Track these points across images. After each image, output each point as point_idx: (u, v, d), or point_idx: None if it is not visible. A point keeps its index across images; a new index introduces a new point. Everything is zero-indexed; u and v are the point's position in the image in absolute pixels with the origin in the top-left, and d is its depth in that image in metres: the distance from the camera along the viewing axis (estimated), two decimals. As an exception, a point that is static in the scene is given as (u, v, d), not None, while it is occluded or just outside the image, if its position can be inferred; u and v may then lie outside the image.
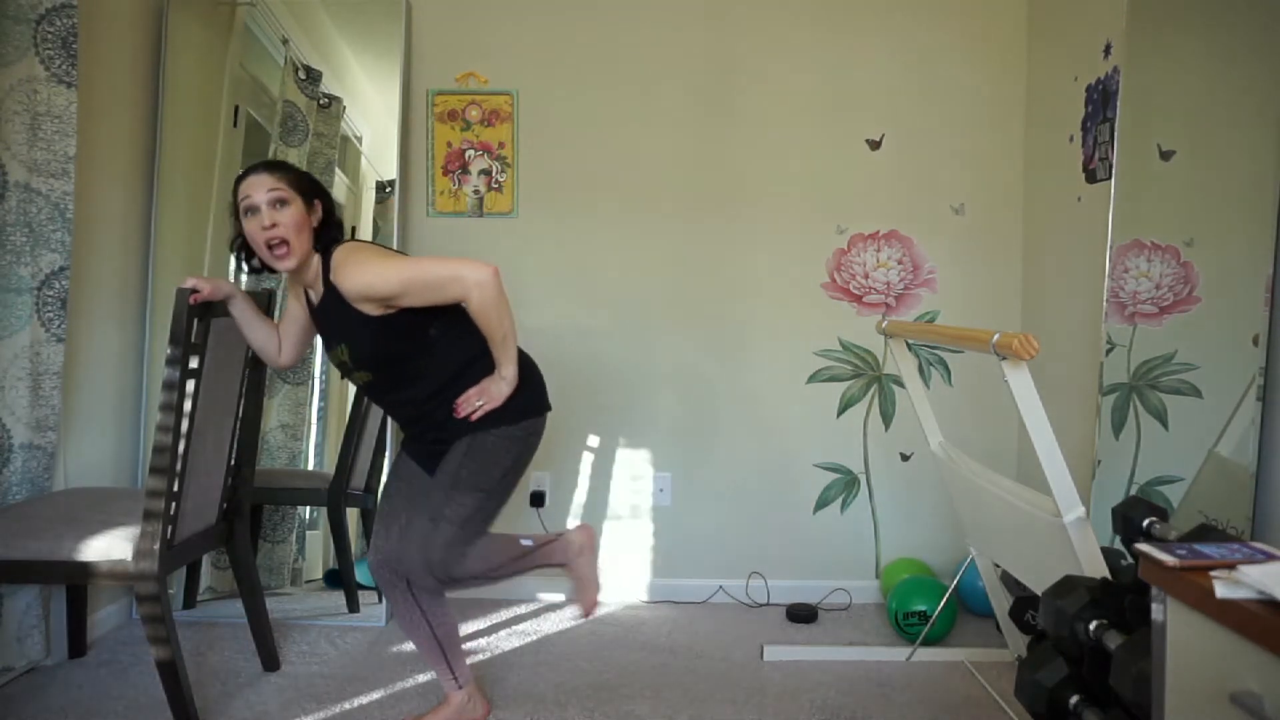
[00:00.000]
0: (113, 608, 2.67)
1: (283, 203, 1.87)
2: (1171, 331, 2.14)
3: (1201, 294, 2.09)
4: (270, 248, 1.88)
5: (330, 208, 1.99)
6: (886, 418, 3.03)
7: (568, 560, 2.17)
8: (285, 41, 2.95)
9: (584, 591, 2.20)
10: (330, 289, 1.89)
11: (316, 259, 1.93)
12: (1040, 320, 2.88)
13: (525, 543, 2.09)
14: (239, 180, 1.92)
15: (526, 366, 2.01)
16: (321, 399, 3.04)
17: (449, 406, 1.94)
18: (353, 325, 1.87)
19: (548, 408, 2.06)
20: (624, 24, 3.01)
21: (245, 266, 2.01)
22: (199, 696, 2.22)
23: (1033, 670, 1.56)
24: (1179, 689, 1.14)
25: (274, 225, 1.86)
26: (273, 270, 1.95)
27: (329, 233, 1.96)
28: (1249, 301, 1.96)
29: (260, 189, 1.87)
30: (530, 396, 2.00)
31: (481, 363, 1.95)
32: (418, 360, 1.92)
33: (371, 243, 2.02)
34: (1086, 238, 2.55)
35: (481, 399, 1.92)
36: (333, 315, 1.91)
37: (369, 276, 1.82)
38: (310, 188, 1.94)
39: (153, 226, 2.79)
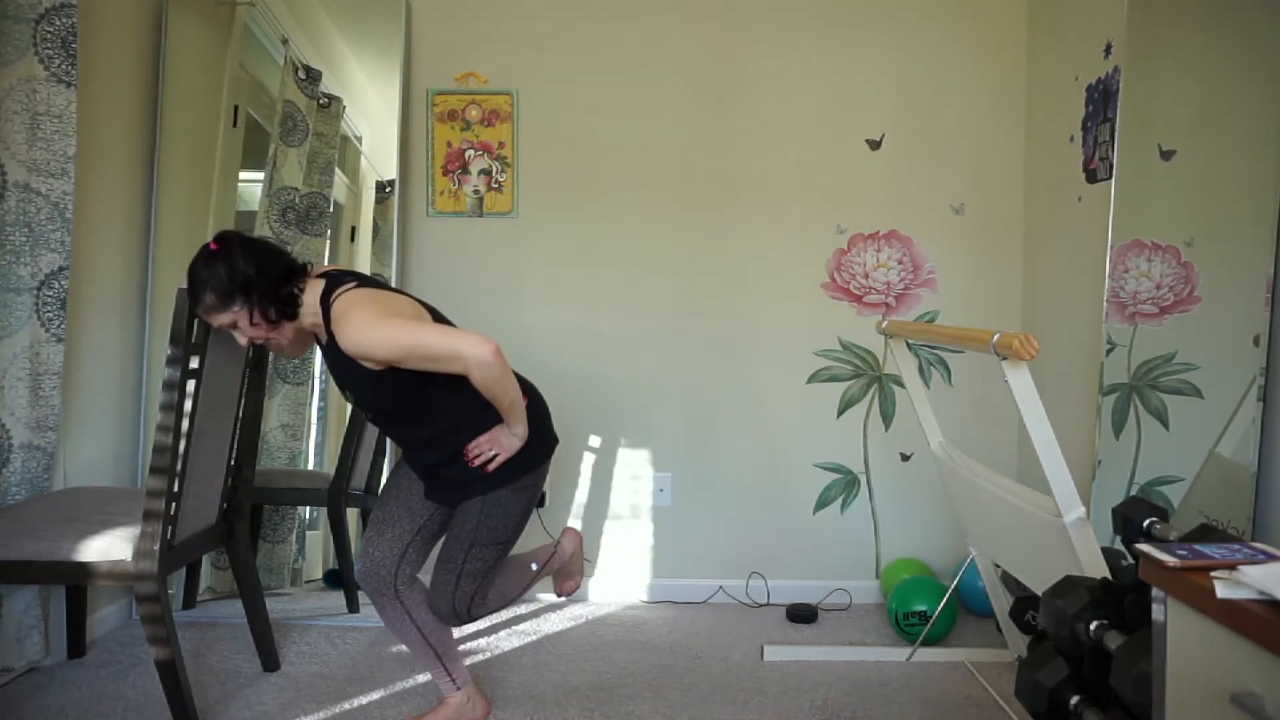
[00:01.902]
0: (112, 608, 2.67)
1: (232, 325, 1.84)
2: (1172, 331, 2.14)
3: (1202, 294, 2.09)
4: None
5: (262, 267, 1.81)
6: (886, 418, 3.03)
7: (563, 564, 2.31)
8: (285, 41, 2.95)
9: (568, 580, 2.39)
10: (332, 338, 1.82)
11: (315, 306, 1.85)
12: (1040, 320, 2.88)
13: (533, 567, 2.18)
14: None
15: (533, 405, 1.98)
16: (321, 399, 3.04)
17: (458, 450, 1.92)
18: (356, 376, 1.84)
19: (555, 443, 2.05)
20: (624, 24, 3.01)
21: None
22: (199, 696, 2.22)
23: (1033, 670, 1.56)
24: (1180, 689, 1.14)
25: (248, 342, 1.88)
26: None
27: (285, 287, 1.83)
28: (1249, 301, 1.96)
29: (210, 321, 1.86)
30: (539, 444, 1.99)
31: (487, 413, 1.91)
32: (423, 405, 1.89)
33: (372, 288, 1.86)
34: (1087, 238, 2.55)
35: (494, 449, 1.90)
36: (337, 363, 1.86)
37: (365, 340, 1.74)
38: (228, 287, 1.79)
39: (152, 226, 2.79)
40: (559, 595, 2.41)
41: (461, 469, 1.93)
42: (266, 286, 1.81)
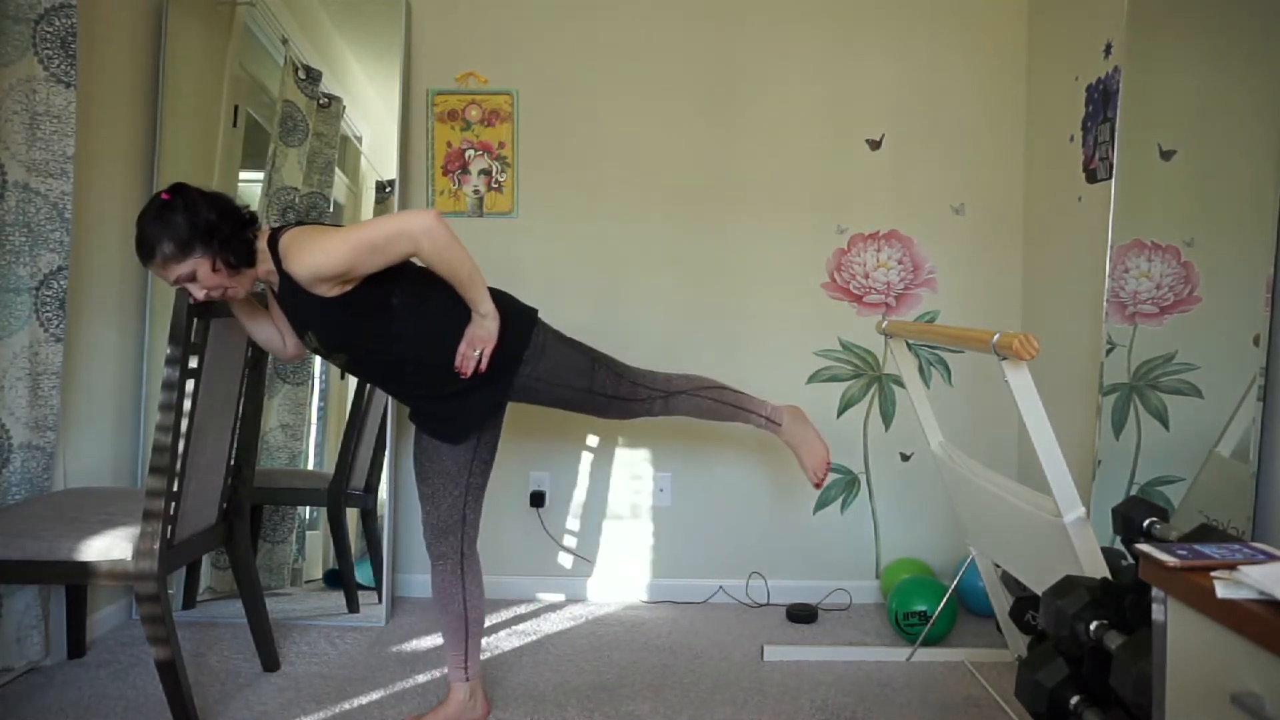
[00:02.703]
0: (112, 608, 2.67)
1: (190, 277, 1.80)
2: (1172, 331, 2.14)
3: (1202, 294, 2.09)
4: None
5: (224, 213, 1.82)
6: (886, 418, 3.03)
7: (780, 421, 2.23)
8: (285, 41, 2.95)
9: (810, 451, 2.23)
10: (285, 278, 1.83)
11: (264, 251, 1.86)
12: (1040, 320, 2.88)
13: (724, 383, 2.22)
14: None
15: (495, 296, 1.95)
16: (321, 399, 3.04)
17: (445, 372, 1.91)
18: (315, 310, 1.84)
19: (535, 313, 2.03)
20: (624, 24, 3.01)
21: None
22: (199, 697, 2.22)
23: (1033, 670, 1.56)
24: (1180, 689, 1.14)
25: (205, 295, 1.83)
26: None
27: (245, 232, 1.85)
28: (1249, 301, 1.96)
29: (164, 278, 1.82)
30: (516, 323, 1.97)
31: (454, 320, 1.90)
32: (386, 332, 1.88)
33: (313, 223, 1.95)
34: (1087, 238, 2.55)
35: (476, 348, 1.89)
36: (294, 303, 1.87)
37: (316, 258, 1.76)
38: (188, 235, 1.77)
39: (152, 226, 2.78)
40: (816, 480, 2.21)
41: (463, 386, 1.93)
42: (230, 232, 1.81)
